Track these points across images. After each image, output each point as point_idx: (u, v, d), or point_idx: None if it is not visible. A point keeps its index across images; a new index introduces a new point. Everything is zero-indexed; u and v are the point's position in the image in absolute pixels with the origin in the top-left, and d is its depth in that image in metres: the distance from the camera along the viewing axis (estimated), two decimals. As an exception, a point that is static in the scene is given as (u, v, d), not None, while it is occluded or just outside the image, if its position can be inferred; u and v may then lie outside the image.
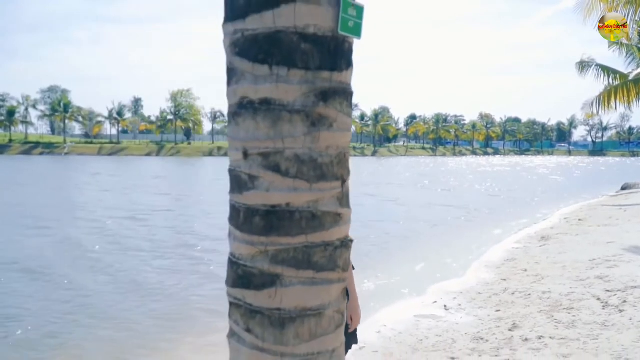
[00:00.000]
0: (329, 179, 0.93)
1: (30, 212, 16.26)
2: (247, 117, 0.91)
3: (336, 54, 0.92)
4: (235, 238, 0.96)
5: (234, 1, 0.92)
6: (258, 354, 0.94)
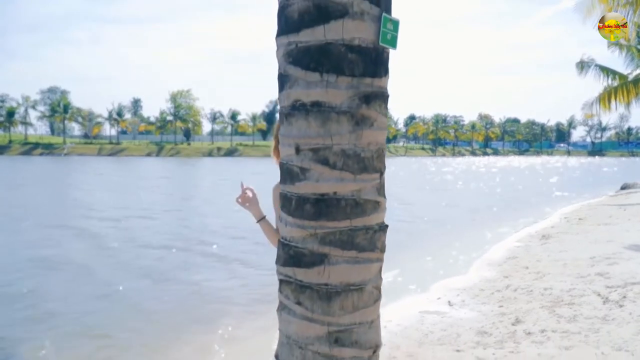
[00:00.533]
0: (370, 171, 1.08)
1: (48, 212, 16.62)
2: (300, 118, 1.05)
3: (376, 62, 1.07)
4: (287, 223, 1.11)
5: (288, 17, 1.06)
6: (307, 323, 1.09)
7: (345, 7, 1.00)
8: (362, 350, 1.11)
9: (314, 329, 1.08)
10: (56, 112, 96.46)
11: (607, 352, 4.26)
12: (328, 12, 1.01)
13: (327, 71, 1.02)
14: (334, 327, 1.07)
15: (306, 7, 1.01)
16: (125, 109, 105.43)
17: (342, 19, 1.01)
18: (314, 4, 1.01)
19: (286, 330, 1.12)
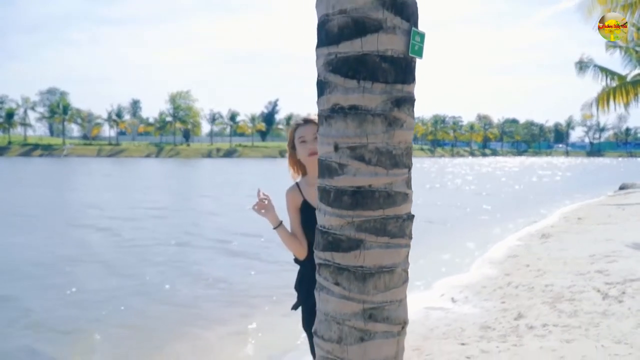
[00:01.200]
0: (400, 166, 1.23)
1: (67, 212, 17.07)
2: (339, 119, 1.20)
3: (406, 71, 1.22)
4: (325, 213, 1.26)
5: (328, 31, 1.21)
6: (345, 302, 1.23)
7: (380, 23, 1.15)
8: (392, 325, 1.25)
9: (350, 306, 1.23)
10: (55, 114, 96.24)
11: (607, 345, 4.41)
12: (365, 27, 1.16)
13: (364, 78, 1.16)
14: (368, 305, 1.22)
15: (345, 22, 1.16)
16: (125, 110, 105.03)
17: (377, 33, 1.15)
18: (352, 19, 1.16)
19: (325, 308, 1.27)
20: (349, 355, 1.25)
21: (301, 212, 2.51)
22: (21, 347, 5.64)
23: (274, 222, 2.51)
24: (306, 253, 2.50)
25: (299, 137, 2.53)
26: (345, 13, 1.18)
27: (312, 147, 2.49)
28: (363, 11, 1.17)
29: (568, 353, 4.29)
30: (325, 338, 1.28)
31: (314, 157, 2.41)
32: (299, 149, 2.54)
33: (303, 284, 2.64)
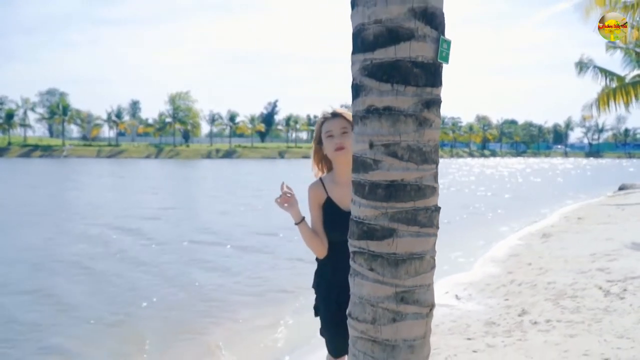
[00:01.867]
0: (429, 162, 1.35)
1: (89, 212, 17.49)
2: (374, 120, 1.33)
3: (435, 75, 1.34)
4: (360, 204, 1.38)
5: (364, 39, 1.34)
6: (379, 285, 1.36)
7: (412, 32, 1.28)
8: (422, 307, 1.38)
9: (383, 290, 1.35)
10: (55, 114, 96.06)
11: (609, 340, 4.53)
12: (398, 36, 1.29)
13: (397, 82, 1.29)
14: (400, 288, 1.35)
15: (380, 31, 1.29)
16: (124, 111, 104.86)
17: (409, 41, 1.28)
18: (387, 28, 1.29)
19: (359, 292, 1.40)
20: (382, 335, 1.37)
21: (324, 209, 2.44)
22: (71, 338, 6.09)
23: (297, 218, 2.44)
24: (326, 252, 2.44)
25: (326, 132, 2.44)
26: (380, 23, 1.30)
27: (340, 142, 2.41)
28: (397, 21, 1.29)
29: (572, 347, 4.42)
30: (359, 319, 1.40)
31: (341, 153, 2.39)
32: (326, 144, 2.45)
33: (321, 284, 2.57)
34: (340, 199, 2.43)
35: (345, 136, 2.39)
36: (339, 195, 2.43)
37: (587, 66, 21.83)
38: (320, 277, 2.55)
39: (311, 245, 2.44)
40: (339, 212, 2.40)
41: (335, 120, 2.44)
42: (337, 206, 2.42)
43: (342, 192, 2.43)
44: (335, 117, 2.46)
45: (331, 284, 2.43)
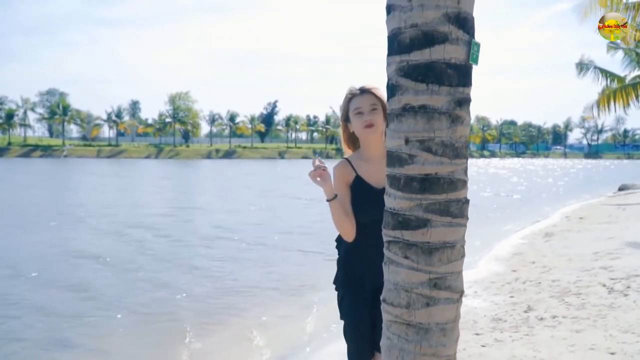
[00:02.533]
0: (460, 157, 1.46)
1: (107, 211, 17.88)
2: (409, 117, 1.43)
3: (466, 75, 1.45)
4: (395, 196, 1.48)
5: (400, 41, 1.44)
6: (413, 272, 1.46)
7: (446, 35, 1.38)
8: (453, 293, 1.48)
9: (418, 276, 1.45)
10: (55, 114, 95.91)
11: (614, 334, 4.64)
12: (433, 39, 1.39)
13: (432, 82, 1.40)
14: (433, 275, 1.45)
15: (416, 34, 1.39)
16: (124, 111, 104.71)
17: (443, 44, 1.39)
18: (422, 32, 1.39)
19: (394, 279, 1.50)
20: (416, 319, 1.47)
21: (352, 189, 2.34)
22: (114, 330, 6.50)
23: (329, 194, 2.31)
24: (354, 234, 2.31)
25: (355, 109, 2.33)
26: (416, 27, 1.41)
27: (369, 119, 2.32)
28: (432, 25, 1.40)
29: (578, 342, 4.52)
30: (394, 304, 1.50)
31: (370, 130, 2.31)
32: (355, 121, 2.35)
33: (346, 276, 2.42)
34: (370, 176, 2.34)
35: (375, 112, 2.32)
36: (369, 172, 2.34)
37: (587, 67, 21.96)
38: (344, 269, 2.43)
39: (341, 225, 2.32)
40: (370, 189, 2.31)
41: (363, 97, 2.34)
42: (368, 184, 2.32)
43: (372, 168, 2.35)
44: (364, 93, 2.36)
45: (358, 275, 2.35)
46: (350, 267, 2.38)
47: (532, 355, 4.22)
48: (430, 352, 1.48)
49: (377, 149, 2.33)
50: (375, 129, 2.30)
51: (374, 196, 2.17)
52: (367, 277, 2.28)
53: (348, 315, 2.38)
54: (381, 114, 2.32)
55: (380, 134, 2.33)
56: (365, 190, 2.30)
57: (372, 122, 2.29)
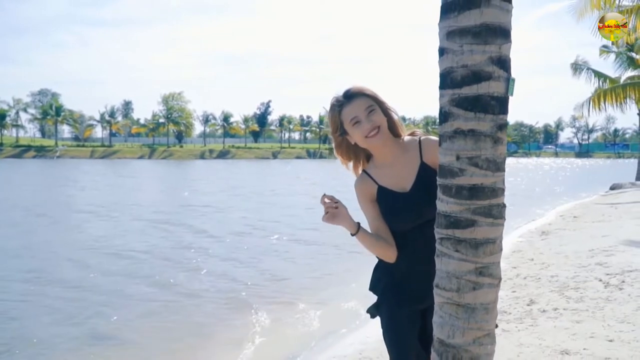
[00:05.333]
0: (500, 170, 1.84)
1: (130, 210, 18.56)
2: (460, 139, 1.80)
3: (504, 105, 1.83)
4: (447, 202, 1.86)
5: (452, 78, 1.81)
6: (462, 262, 1.83)
7: (490, 74, 1.76)
8: (494, 279, 1.87)
9: (466, 266, 1.83)
10: (48, 115, 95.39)
11: (612, 325, 5.05)
12: (480, 77, 1.77)
13: (479, 111, 1.78)
14: (479, 265, 1.83)
15: (466, 73, 1.77)
16: (118, 112, 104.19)
17: (488, 81, 1.77)
18: (472, 71, 1.77)
19: (446, 268, 1.87)
20: (465, 300, 1.85)
21: (378, 202, 2.24)
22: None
23: (352, 228, 2.16)
24: (396, 253, 2.21)
25: (351, 120, 2.14)
26: (466, 67, 1.78)
27: (369, 125, 2.14)
28: (479, 66, 1.77)
29: (579, 331, 4.91)
30: (446, 289, 1.88)
31: (376, 138, 2.16)
32: (354, 133, 2.17)
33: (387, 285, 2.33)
34: (392, 182, 2.23)
35: (373, 114, 2.16)
36: (390, 178, 2.23)
37: (581, 68, 22.51)
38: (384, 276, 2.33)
39: (377, 251, 2.21)
40: (396, 196, 2.21)
41: (355, 103, 2.15)
42: (392, 191, 2.21)
43: (391, 173, 2.24)
44: (353, 98, 2.16)
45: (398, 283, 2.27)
46: (390, 274, 2.29)
47: (538, 344, 4.61)
48: (476, 327, 1.86)
49: (389, 149, 2.23)
50: (380, 133, 2.16)
51: (403, 202, 2.20)
52: (410, 285, 2.25)
53: (388, 327, 2.31)
54: (380, 111, 2.18)
55: (387, 134, 2.21)
56: (391, 198, 2.21)
57: (374, 126, 2.13)
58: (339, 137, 2.21)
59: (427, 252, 2.02)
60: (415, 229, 2.20)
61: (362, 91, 2.16)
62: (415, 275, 2.21)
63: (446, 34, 1.82)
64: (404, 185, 2.22)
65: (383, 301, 2.31)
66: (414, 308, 2.26)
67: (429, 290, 1.99)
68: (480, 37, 1.75)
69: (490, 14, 1.75)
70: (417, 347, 2.24)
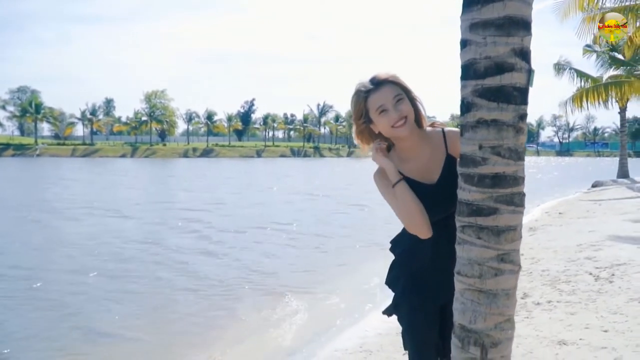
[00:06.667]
0: (521, 159, 1.89)
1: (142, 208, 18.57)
2: (483, 128, 1.85)
3: (525, 96, 1.88)
4: (470, 191, 1.90)
5: (476, 69, 1.85)
6: (485, 249, 1.88)
7: (512, 65, 1.81)
8: (515, 265, 1.92)
9: (488, 253, 1.87)
10: (27, 112, 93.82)
11: (605, 316, 5.15)
12: (503, 68, 1.81)
13: (501, 102, 1.82)
14: (500, 252, 1.87)
15: (490, 64, 1.82)
16: (99, 110, 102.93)
17: (511, 72, 1.81)
18: (495, 62, 1.82)
19: (468, 255, 1.91)
20: (487, 286, 1.90)
21: None
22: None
23: (395, 175, 2.13)
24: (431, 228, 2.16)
25: (377, 108, 2.11)
26: (489, 58, 1.83)
27: (397, 115, 2.11)
28: (502, 58, 1.82)
29: (574, 322, 5.01)
30: (468, 275, 1.92)
31: (403, 129, 2.12)
32: (379, 121, 2.13)
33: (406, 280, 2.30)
34: (417, 173, 2.20)
35: (401, 103, 2.13)
36: (414, 169, 2.20)
37: (564, 68, 22.85)
38: (403, 272, 2.31)
39: (412, 214, 2.12)
40: (422, 187, 2.18)
41: (382, 91, 2.11)
42: (418, 182, 2.19)
43: (415, 164, 2.21)
44: (381, 86, 2.12)
45: (418, 278, 2.26)
46: (409, 271, 2.28)
47: (535, 335, 4.70)
48: (497, 312, 1.91)
49: (414, 140, 2.21)
50: (407, 124, 2.13)
51: (431, 193, 2.19)
52: (431, 280, 2.26)
53: (409, 328, 2.27)
54: (407, 100, 2.16)
55: (413, 124, 2.18)
56: (418, 189, 2.17)
57: (402, 116, 2.10)
58: (362, 125, 2.16)
59: (450, 246, 2.02)
60: (439, 221, 2.19)
61: (391, 79, 2.12)
62: (437, 269, 2.22)
63: (469, 26, 1.86)
64: (431, 176, 2.21)
65: (403, 301, 2.27)
66: (435, 305, 2.26)
67: (449, 284, 2.02)
68: (504, 29, 1.80)
69: (513, 6, 1.80)
70: (436, 343, 2.26)
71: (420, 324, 2.23)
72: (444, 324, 2.23)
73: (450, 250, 2.01)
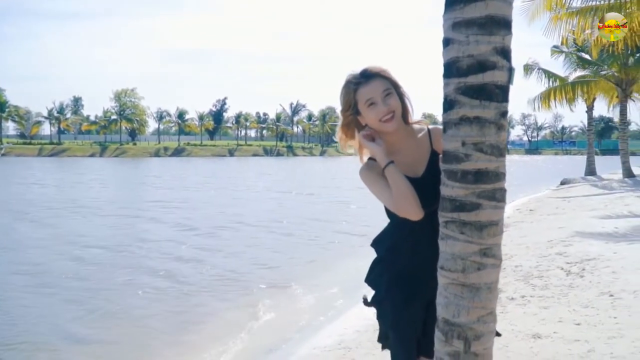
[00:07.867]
0: (503, 155, 1.94)
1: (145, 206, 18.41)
2: (465, 125, 1.88)
3: (506, 93, 1.92)
4: (453, 187, 1.94)
5: (459, 67, 1.89)
6: (468, 244, 1.92)
7: (495, 63, 1.85)
8: (497, 260, 1.97)
9: (471, 247, 1.91)
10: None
11: (577, 309, 5.28)
12: (485, 66, 1.85)
13: (484, 99, 1.86)
14: (483, 246, 1.92)
15: (472, 62, 1.86)
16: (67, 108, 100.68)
17: (492, 70, 1.86)
18: (477, 61, 1.85)
19: (451, 250, 1.95)
20: (470, 280, 1.94)
21: None
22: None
23: (385, 158, 2.14)
24: (422, 210, 2.15)
25: (367, 101, 2.12)
26: (472, 57, 1.87)
27: (385, 109, 2.13)
28: (484, 56, 1.86)
29: (547, 316, 5.12)
30: (451, 270, 1.96)
31: (392, 123, 2.15)
32: (367, 114, 2.14)
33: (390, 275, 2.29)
34: (402, 166, 2.19)
35: (390, 97, 2.16)
36: (400, 162, 2.19)
37: (532, 68, 23.32)
38: (388, 269, 2.30)
39: (406, 194, 2.12)
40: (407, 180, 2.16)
41: (372, 84, 2.13)
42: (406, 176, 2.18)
43: (400, 158, 2.21)
44: (371, 79, 2.14)
45: (404, 274, 2.26)
46: (393, 266, 2.28)
47: (510, 329, 4.79)
48: (480, 306, 1.95)
49: (400, 135, 2.24)
50: (395, 118, 2.16)
51: (417, 186, 2.17)
52: (415, 275, 2.26)
53: (394, 326, 2.26)
54: (396, 95, 2.18)
55: (400, 119, 2.22)
56: None
57: (390, 110, 2.13)
58: (350, 116, 2.18)
59: (434, 242, 2.04)
60: (424, 217, 2.18)
61: (381, 72, 2.15)
62: (422, 263, 2.23)
63: (452, 24, 1.90)
64: (416, 170, 2.24)
65: (387, 298, 2.25)
66: (419, 301, 2.26)
67: (434, 280, 2.04)
68: (486, 28, 1.84)
69: (495, 6, 1.84)
70: (418, 339, 2.26)
71: (406, 321, 2.22)
72: (427, 320, 2.22)
73: (434, 246, 2.03)
